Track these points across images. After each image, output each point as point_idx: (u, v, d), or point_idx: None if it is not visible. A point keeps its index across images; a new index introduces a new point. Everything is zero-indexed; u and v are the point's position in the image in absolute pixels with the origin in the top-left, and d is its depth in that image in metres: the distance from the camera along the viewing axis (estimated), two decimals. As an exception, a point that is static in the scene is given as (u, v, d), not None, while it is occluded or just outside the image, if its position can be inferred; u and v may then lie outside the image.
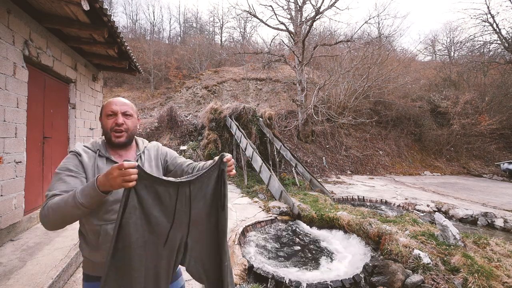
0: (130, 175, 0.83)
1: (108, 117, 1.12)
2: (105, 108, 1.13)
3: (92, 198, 0.87)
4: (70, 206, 0.87)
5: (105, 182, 0.85)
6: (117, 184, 0.83)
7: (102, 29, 3.32)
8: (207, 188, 1.02)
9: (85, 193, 0.87)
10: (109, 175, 0.83)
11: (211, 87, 18.30)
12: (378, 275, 2.61)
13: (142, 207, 0.89)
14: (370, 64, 13.01)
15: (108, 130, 1.11)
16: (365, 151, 13.24)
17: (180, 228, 0.99)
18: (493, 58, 17.09)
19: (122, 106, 1.13)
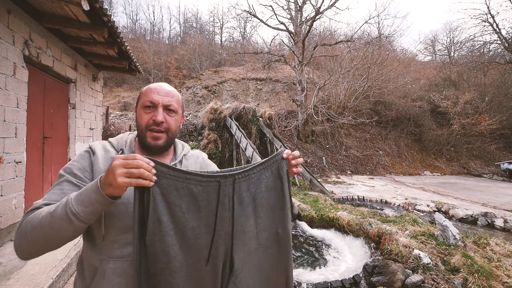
0: (140, 167, 0.60)
1: (145, 109, 0.82)
2: (143, 97, 0.84)
3: (92, 206, 0.62)
4: (58, 219, 0.61)
5: (105, 179, 0.61)
6: (121, 179, 0.58)
7: (102, 29, 3.32)
8: (257, 189, 0.77)
9: (82, 198, 0.62)
10: (109, 169, 0.61)
11: (211, 87, 18.31)
12: (378, 275, 2.61)
13: (172, 218, 0.65)
14: (370, 64, 13.02)
15: (143, 128, 0.82)
16: (365, 151, 13.24)
17: (223, 239, 0.71)
18: (493, 58, 17.10)
19: (165, 97, 0.83)
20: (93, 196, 0.62)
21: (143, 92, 0.85)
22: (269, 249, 0.78)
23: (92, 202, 0.62)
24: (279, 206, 0.79)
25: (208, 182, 0.69)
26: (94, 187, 0.63)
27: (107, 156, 0.82)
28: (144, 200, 0.63)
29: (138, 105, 0.85)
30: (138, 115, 0.84)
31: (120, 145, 0.86)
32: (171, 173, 0.65)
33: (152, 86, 0.85)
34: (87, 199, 0.62)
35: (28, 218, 0.66)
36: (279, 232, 0.79)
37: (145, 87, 0.86)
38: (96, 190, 0.62)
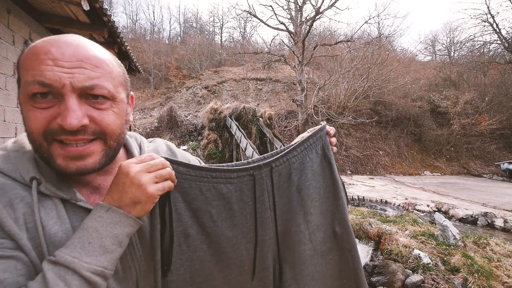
0: (167, 166, 0.46)
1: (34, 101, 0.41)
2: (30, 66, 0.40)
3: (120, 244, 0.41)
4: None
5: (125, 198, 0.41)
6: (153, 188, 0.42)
7: (102, 29, 3.32)
8: (301, 176, 0.60)
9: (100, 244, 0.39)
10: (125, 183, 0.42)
11: (211, 87, 18.32)
12: (378, 275, 2.61)
13: (201, 229, 0.52)
14: (370, 64, 13.02)
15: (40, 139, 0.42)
16: (365, 151, 13.25)
17: (268, 246, 0.57)
18: (493, 58, 17.11)
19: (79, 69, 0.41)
20: (119, 230, 0.40)
21: (30, 59, 0.40)
22: (328, 255, 0.62)
23: (120, 240, 0.41)
24: (332, 195, 0.62)
25: (240, 177, 0.55)
26: (113, 218, 0.40)
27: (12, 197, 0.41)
28: (166, 213, 0.49)
29: (20, 92, 0.42)
30: (24, 113, 0.42)
31: (23, 169, 0.44)
32: (192, 172, 0.51)
33: (44, 47, 0.40)
34: (111, 241, 0.40)
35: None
36: (337, 230, 0.62)
37: (36, 46, 0.41)
38: (120, 221, 0.41)
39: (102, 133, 0.44)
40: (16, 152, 0.45)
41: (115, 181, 0.43)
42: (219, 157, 9.19)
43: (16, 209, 0.41)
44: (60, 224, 0.43)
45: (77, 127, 0.40)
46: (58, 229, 0.43)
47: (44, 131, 0.41)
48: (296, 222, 0.59)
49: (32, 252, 0.40)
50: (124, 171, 0.42)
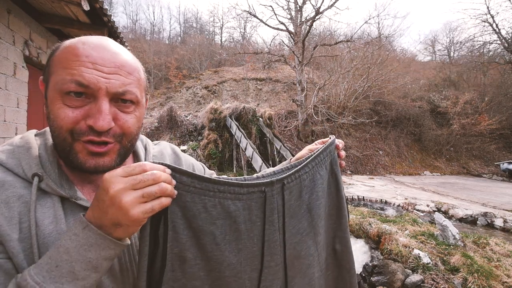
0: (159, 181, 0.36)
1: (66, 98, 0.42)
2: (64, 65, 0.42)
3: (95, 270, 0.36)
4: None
5: (104, 219, 0.35)
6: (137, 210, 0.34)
7: (102, 29, 3.33)
8: (312, 194, 0.56)
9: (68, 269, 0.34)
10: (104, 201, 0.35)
11: (211, 87, 18.32)
12: (378, 275, 2.61)
13: (201, 252, 0.44)
14: (370, 64, 13.03)
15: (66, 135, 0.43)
16: (365, 151, 13.25)
17: (274, 273, 0.51)
18: (492, 58, 17.11)
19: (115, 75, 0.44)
20: (94, 254, 0.34)
21: (64, 59, 0.42)
22: (327, 271, 0.60)
23: (94, 265, 0.35)
24: (336, 212, 0.61)
25: (250, 193, 0.48)
26: (88, 239, 0.34)
27: (10, 195, 0.41)
28: (160, 230, 0.40)
29: (51, 87, 0.43)
30: (53, 108, 0.42)
31: (26, 164, 0.43)
32: (197, 184, 0.43)
33: (84, 50, 0.42)
34: (82, 266, 0.34)
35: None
36: (337, 248, 0.61)
37: (69, 46, 0.43)
38: (96, 242, 0.34)
39: (122, 135, 0.46)
40: (21, 148, 0.45)
41: (96, 196, 0.36)
42: (219, 157, 9.20)
43: (12, 207, 0.40)
44: (56, 224, 0.42)
45: (106, 130, 0.42)
46: (52, 229, 0.41)
47: (72, 128, 0.42)
48: (306, 244, 0.55)
49: (20, 255, 0.38)
50: (104, 186, 0.34)
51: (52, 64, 0.43)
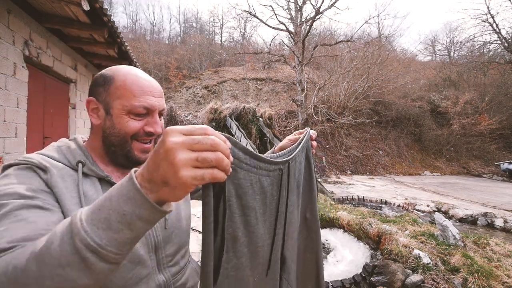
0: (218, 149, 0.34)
1: (132, 115, 0.58)
2: (131, 97, 0.57)
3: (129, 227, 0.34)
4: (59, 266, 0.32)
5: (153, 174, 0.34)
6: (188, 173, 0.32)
7: (102, 29, 3.32)
8: (300, 173, 0.68)
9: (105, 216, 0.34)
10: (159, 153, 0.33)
11: (211, 87, 18.32)
12: (378, 275, 2.61)
13: (246, 229, 0.46)
14: (370, 64, 13.03)
15: (128, 137, 0.59)
16: (365, 151, 13.25)
17: (279, 240, 0.59)
18: (493, 58, 17.10)
19: (160, 99, 0.62)
20: (129, 208, 0.33)
21: (128, 90, 0.57)
22: (299, 234, 0.73)
23: (128, 221, 0.33)
24: (308, 189, 0.74)
25: (274, 171, 0.53)
26: (129, 191, 0.34)
27: (62, 173, 0.53)
28: (219, 209, 0.40)
29: (117, 106, 0.57)
30: (119, 120, 0.58)
31: (70, 157, 0.57)
32: (248, 161, 0.43)
33: (143, 83, 0.59)
34: (116, 217, 0.33)
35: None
36: (308, 216, 0.74)
37: (128, 79, 0.58)
38: (133, 197, 0.33)
39: (158, 137, 0.63)
40: (62, 147, 0.60)
41: (154, 149, 0.34)
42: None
43: (66, 181, 0.53)
44: (97, 195, 0.55)
45: (159, 134, 0.61)
46: (95, 198, 0.54)
47: (135, 133, 0.59)
48: (294, 214, 0.66)
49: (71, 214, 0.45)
50: (163, 138, 0.33)
51: (115, 91, 0.58)
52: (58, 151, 0.58)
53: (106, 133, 0.60)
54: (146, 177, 0.34)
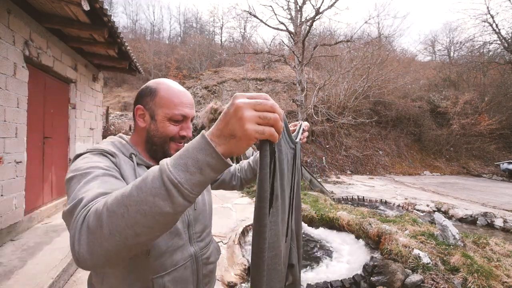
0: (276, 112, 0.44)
1: (172, 121, 0.72)
2: (171, 107, 0.71)
3: (200, 171, 0.43)
4: (150, 195, 0.41)
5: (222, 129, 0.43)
6: (252, 126, 0.41)
7: (102, 29, 3.32)
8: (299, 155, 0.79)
9: (184, 162, 0.43)
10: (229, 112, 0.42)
11: (211, 87, 18.32)
12: (378, 275, 2.61)
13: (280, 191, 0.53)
14: (370, 64, 13.03)
15: (168, 139, 0.74)
16: (365, 151, 13.25)
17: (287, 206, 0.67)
18: (492, 58, 17.10)
19: (193, 109, 0.76)
20: (201, 156, 0.42)
21: (170, 101, 0.71)
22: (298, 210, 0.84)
23: (200, 166, 0.42)
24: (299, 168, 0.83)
25: (292, 148, 0.66)
26: (201, 144, 0.43)
27: (125, 160, 0.70)
28: (270, 167, 0.45)
29: (160, 113, 0.72)
30: (162, 125, 0.72)
31: (124, 150, 0.73)
32: (285, 133, 0.53)
33: (181, 96, 0.73)
34: (192, 162, 0.42)
35: (97, 207, 0.44)
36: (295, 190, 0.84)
37: (169, 92, 0.72)
38: (204, 148, 0.43)
39: (188, 139, 0.71)
40: (116, 142, 0.75)
41: (224, 111, 0.44)
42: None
43: (126, 165, 0.69)
44: None
45: (191, 137, 0.73)
46: None
47: (172, 135, 0.73)
48: (298, 189, 0.80)
49: None
50: (233, 101, 0.43)
51: (160, 101, 0.72)
52: (113, 145, 0.73)
53: (150, 134, 0.74)
54: (215, 133, 0.43)
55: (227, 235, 3.64)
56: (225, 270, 2.69)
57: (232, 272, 2.68)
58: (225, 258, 2.95)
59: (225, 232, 3.74)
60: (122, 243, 0.42)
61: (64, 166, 4.29)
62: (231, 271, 2.70)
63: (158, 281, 0.64)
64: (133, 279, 0.63)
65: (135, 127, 0.78)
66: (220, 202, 5.49)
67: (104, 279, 0.65)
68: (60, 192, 4.16)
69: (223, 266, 2.74)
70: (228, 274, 2.63)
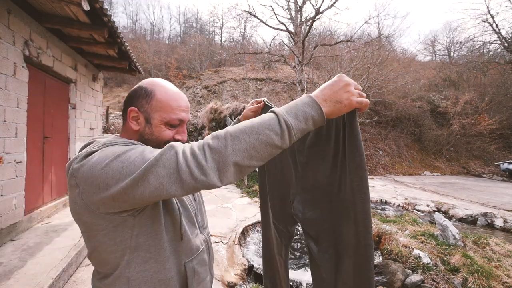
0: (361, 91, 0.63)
1: (168, 125, 0.71)
2: (169, 111, 0.70)
3: (306, 122, 0.56)
4: (267, 129, 0.53)
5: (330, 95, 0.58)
6: (355, 98, 0.59)
7: (102, 29, 3.32)
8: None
9: (295, 112, 0.56)
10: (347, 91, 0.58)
11: (211, 87, 18.31)
12: (378, 275, 2.61)
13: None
14: (370, 64, 13.01)
15: (162, 143, 0.71)
16: (365, 151, 13.20)
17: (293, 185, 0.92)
18: (492, 58, 17.09)
19: (188, 112, 0.76)
20: (309, 110, 0.56)
21: (167, 104, 0.70)
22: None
23: (306, 117, 0.55)
24: None
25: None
26: (308, 101, 0.57)
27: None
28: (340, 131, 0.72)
29: (157, 118, 0.70)
30: (158, 129, 0.70)
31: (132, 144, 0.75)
32: None
33: (179, 99, 0.72)
34: (301, 113, 0.55)
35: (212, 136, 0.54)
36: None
37: (166, 95, 0.70)
38: (312, 105, 0.56)
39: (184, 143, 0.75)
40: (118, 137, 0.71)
41: (331, 83, 0.60)
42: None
43: None
44: None
45: (185, 140, 0.73)
46: None
47: (168, 140, 0.71)
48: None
49: None
50: (340, 77, 0.60)
51: (157, 104, 0.70)
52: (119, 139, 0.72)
53: (144, 138, 0.72)
54: (322, 97, 0.58)
55: (227, 235, 3.64)
56: (225, 270, 2.69)
57: (232, 272, 2.68)
58: (225, 258, 2.95)
59: (225, 232, 3.74)
60: (240, 157, 0.52)
61: (64, 166, 4.29)
62: (231, 271, 2.70)
63: (188, 265, 0.69)
64: (171, 263, 0.66)
65: (125, 128, 0.74)
66: (220, 202, 5.49)
67: (144, 265, 0.64)
68: (60, 192, 4.16)
69: (223, 266, 2.74)
70: (228, 274, 2.63)
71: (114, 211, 0.58)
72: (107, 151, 0.59)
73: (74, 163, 0.60)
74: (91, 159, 0.58)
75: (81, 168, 0.58)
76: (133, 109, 0.71)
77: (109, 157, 0.56)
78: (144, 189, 0.52)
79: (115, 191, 0.53)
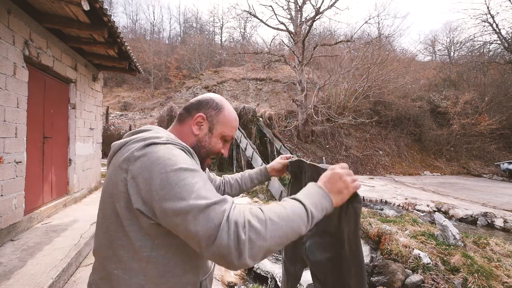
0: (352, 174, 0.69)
1: (222, 139, 0.80)
2: (229, 128, 0.79)
3: (322, 212, 0.61)
4: (299, 219, 0.57)
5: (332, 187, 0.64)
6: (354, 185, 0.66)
7: (102, 29, 3.32)
8: None
9: (315, 202, 0.60)
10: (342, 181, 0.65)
11: (211, 87, 18.32)
12: (378, 275, 2.61)
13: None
14: (370, 64, 13.01)
15: (212, 154, 0.80)
16: (365, 151, 13.25)
17: None
18: (493, 58, 17.10)
19: None
20: (324, 202, 0.62)
21: (230, 122, 0.79)
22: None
23: (322, 208, 0.61)
24: None
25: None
26: (322, 193, 0.62)
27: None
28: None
29: (219, 130, 0.78)
30: (215, 140, 0.78)
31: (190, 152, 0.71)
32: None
33: (236, 121, 0.83)
34: (319, 205, 0.61)
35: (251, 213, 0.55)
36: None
37: (231, 115, 0.80)
38: (325, 197, 0.62)
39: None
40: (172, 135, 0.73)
41: (329, 177, 0.66)
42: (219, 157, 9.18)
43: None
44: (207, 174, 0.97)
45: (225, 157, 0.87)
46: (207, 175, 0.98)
47: (217, 152, 0.80)
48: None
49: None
50: (334, 170, 0.67)
51: (222, 118, 0.79)
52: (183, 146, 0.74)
53: (201, 144, 0.77)
54: (326, 189, 0.64)
55: (227, 235, 3.63)
56: (225, 270, 2.69)
57: (232, 272, 2.68)
58: (225, 258, 2.94)
59: (225, 232, 3.74)
60: (273, 243, 0.53)
61: (64, 166, 4.29)
62: (231, 271, 2.70)
63: (204, 283, 0.70)
64: (188, 279, 0.66)
65: (182, 128, 0.77)
66: (220, 202, 5.49)
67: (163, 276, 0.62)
68: (60, 192, 4.16)
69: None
70: (228, 274, 2.63)
71: (148, 214, 0.56)
72: (174, 152, 0.59)
73: (135, 149, 0.59)
74: (154, 153, 0.58)
75: (142, 157, 0.57)
76: (201, 115, 0.77)
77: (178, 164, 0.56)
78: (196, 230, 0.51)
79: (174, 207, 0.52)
